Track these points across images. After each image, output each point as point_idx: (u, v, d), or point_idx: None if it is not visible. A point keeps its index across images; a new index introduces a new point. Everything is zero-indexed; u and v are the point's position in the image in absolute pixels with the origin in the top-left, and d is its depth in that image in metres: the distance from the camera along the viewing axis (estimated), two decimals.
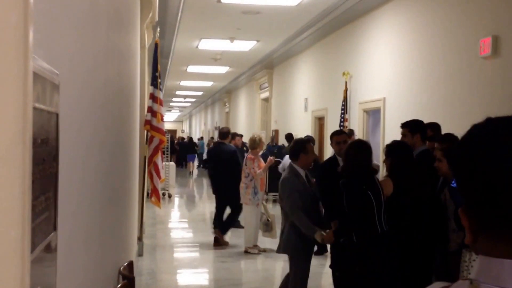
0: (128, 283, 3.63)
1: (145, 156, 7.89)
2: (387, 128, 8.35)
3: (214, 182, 9.14)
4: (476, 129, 0.93)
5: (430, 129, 5.49)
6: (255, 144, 8.15)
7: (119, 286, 3.54)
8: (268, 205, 10.21)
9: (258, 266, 7.68)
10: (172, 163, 18.95)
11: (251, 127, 19.34)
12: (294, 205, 4.73)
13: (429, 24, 7.23)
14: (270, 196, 12.55)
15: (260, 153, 8.59)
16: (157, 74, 7.80)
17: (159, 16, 8.68)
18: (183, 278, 7.22)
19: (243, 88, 21.94)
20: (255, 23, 10.79)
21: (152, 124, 7.48)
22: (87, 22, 2.25)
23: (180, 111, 43.63)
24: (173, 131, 41.29)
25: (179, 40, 12.51)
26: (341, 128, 9.59)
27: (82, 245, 2.19)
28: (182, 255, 8.61)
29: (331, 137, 6.37)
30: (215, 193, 9.08)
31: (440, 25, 6.93)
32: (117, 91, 3.72)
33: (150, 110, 7.55)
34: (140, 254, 7.68)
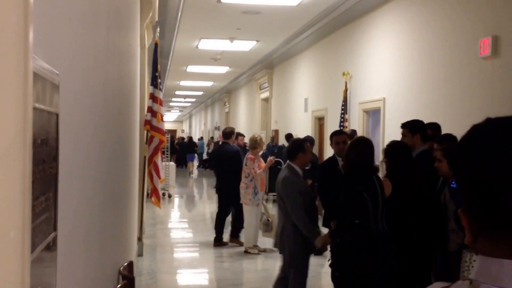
0: (128, 283, 3.63)
1: (145, 156, 7.89)
2: (387, 128, 8.35)
3: (218, 181, 9.17)
4: (476, 129, 0.93)
5: (430, 129, 5.49)
6: (255, 144, 8.15)
7: (119, 286, 3.54)
8: (268, 205, 10.21)
9: (258, 266, 7.68)
10: (172, 163, 18.95)
11: (251, 127, 19.33)
12: (296, 204, 4.73)
13: (429, 24, 7.23)
14: (270, 196, 12.55)
15: (260, 153, 8.59)
16: (157, 74, 7.80)
17: (159, 16, 8.67)
18: (183, 278, 7.23)
19: (243, 88, 21.94)
20: (255, 23, 10.79)
21: (152, 124, 7.49)
22: (87, 22, 2.25)
23: (180, 111, 43.62)
24: (173, 131, 41.28)
25: (179, 40, 12.51)
26: (341, 128, 9.58)
27: (82, 245, 2.19)
28: (182, 255, 8.62)
29: (330, 137, 6.36)
30: (218, 192, 9.11)
31: (440, 25, 6.93)
32: (117, 91, 3.72)
33: (150, 110, 7.55)
34: (140, 254, 7.68)
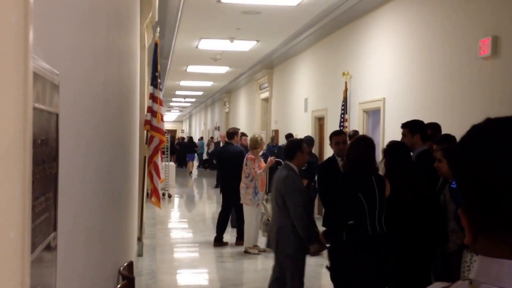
0: (128, 283, 3.63)
1: (145, 156, 7.89)
2: (387, 128, 8.34)
3: (222, 182, 9.19)
4: (475, 129, 0.93)
5: (431, 129, 5.49)
6: (256, 144, 8.14)
7: (119, 286, 3.54)
8: (268, 205, 10.20)
9: (258, 266, 7.68)
10: (172, 163, 18.94)
11: (251, 127, 19.32)
12: (298, 203, 4.74)
13: (429, 24, 7.22)
14: (271, 196, 12.55)
15: (260, 153, 8.59)
16: (157, 74, 7.80)
17: (159, 16, 8.67)
18: (183, 278, 7.22)
19: (243, 88, 21.93)
20: (255, 23, 10.79)
21: (152, 124, 7.49)
22: (87, 22, 2.25)
23: (180, 111, 43.61)
24: (173, 131, 41.27)
25: (179, 40, 12.51)
26: (341, 128, 9.58)
27: (82, 245, 2.19)
28: (182, 255, 8.62)
29: (330, 137, 6.37)
30: (222, 192, 9.13)
31: (439, 25, 6.93)
32: (117, 91, 3.72)
33: (150, 110, 7.55)
34: (140, 254, 7.68)
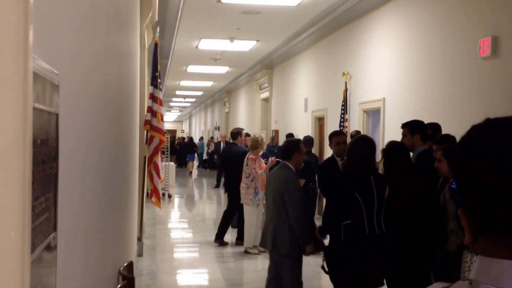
0: (128, 283, 3.63)
1: (145, 156, 7.89)
2: (387, 129, 8.34)
3: (226, 182, 9.19)
4: (475, 130, 0.93)
5: (431, 129, 5.48)
6: (257, 144, 8.12)
7: (119, 286, 3.54)
8: None
9: (258, 266, 7.68)
10: (172, 163, 18.94)
11: (251, 127, 19.32)
12: (298, 204, 4.75)
13: (429, 24, 7.22)
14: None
15: (260, 153, 8.59)
16: (157, 74, 7.80)
17: (159, 16, 8.67)
18: (183, 278, 7.22)
19: (243, 88, 21.93)
20: (255, 23, 10.79)
21: (152, 124, 7.49)
22: (87, 22, 2.25)
23: (180, 111, 43.61)
24: (173, 131, 41.26)
25: (179, 40, 12.51)
26: (341, 128, 9.58)
27: (82, 245, 2.19)
28: (182, 255, 8.62)
29: (330, 137, 6.36)
30: (227, 192, 9.12)
31: (439, 25, 6.93)
32: (117, 91, 3.72)
33: (150, 110, 7.55)
34: (140, 254, 7.68)
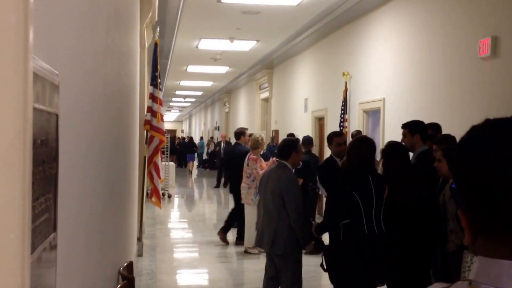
0: (128, 283, 3.63)
1: (145, 156, 7.89)
2: (387, 129, 8.35)
3: (230, 182, 9.19)
4: (474, 130, 0.93)
5: (431, 129, 5.48)
6: (257, 144, 8.11)
7: (118, 286, 3.54)
8: None
9: (258, 266, 7.67)
10: (172, 163, 18.94)
11: (251, 127, 19.31)
12: (299, 204, 4.76)
13: (428, 24, 7.23)
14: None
15: (261, 153, 8.59)
16: (156, 74, 7.80)
17: (158, 16, 8.67)
18: (183, 278, 7.22)
19: (243, 88, 21.93)
20: (255, 23, 10.79)
21: (152, 124, 7.48)
22: (87, 22, 2.25)
23: (180, 111, 43.60)
24: (173, 131, 41.25)
25: (178, 40, 12.51)
26: (340, 128, 9.59)
27: (82, 245, 2.19)
28: (182, 255, 8.61)
29: (330, 138, 6.35)
30: (231, 192, 9.12)
31: (439, 25, 6.93)
32: (117, 91, 3.72)
33: (150, 110, 7.55)
34: (140, 254, 7.68)
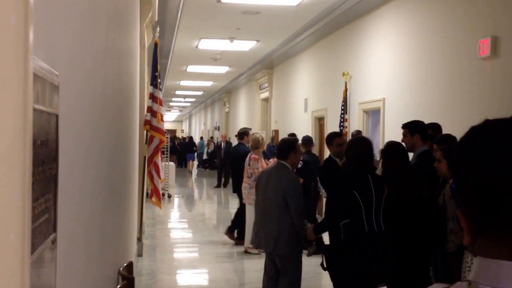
0: (127, 283, 3.63)
1: (144, 156, 7.89)
2: (387, 129, 8.35)
3: (234, 182, 9.20)
4: (474, 131, 0.92)
5: (431, 129, 5.48)
6: (258, 144, 8.10)
7: (118, 286, 3.54)
8: None
9: (258, 266, 7.67)
10: (172, 163, 18.94)
11: (251, 127, 19.30)
12: (301, 205, 4.76)
13: (428, 24, 7.23)
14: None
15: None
16: (156, 74, 7.80)
17: (158, 16, 8.67)
18: (183, 278, 7.22)
19: (243, 88, 21.92)
20: (255, 23, 10.79)
21: (152, 124, 7.48)
22: (86, 22, 2.25)
23: (179, 111, 43.59)
24: (172, 131, 41.23)
25: (178, 40, 12.51)
26: (340, 128, 9.59)
27: (82, 245, 2.19)
28: (182, 255, 8.61)
29: (331, 138, 6.34)
30: (235, 191, 9.12)
31: (439, 25, 6.93)
32: (117, 91, 3.72)
33: (150, 110, 7.55)
34: (140, 254, 7.68)
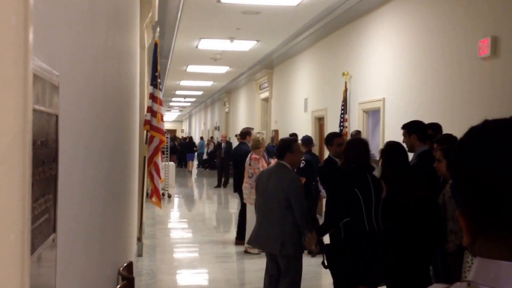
0: (127, 283, 3.63)
1: (144, 156, 7.89)
2: (387, 129, 8.35)
3: (235, 182, 9.20)
4: (473, 131, 0.92)
5: (431, 129, 5.47)
6: (258, 144, 8.10)
7: (118, 286, 3.54)
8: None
9: (258, 266, 7.67)
10: (172, 163, 18.94)
11: (251, 127, 19.32)
12: (303, 205, 4.76)
13: (428, 24, 7.23)
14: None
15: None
16: (156, 74, 7.80)
17: (158, 16, 8.67)
18: (183, 278, 7.22)
19: (243, 88, 21.93)
20: (255, 23, 10.79)
21: (152, 124, 7.48)
22: (86, 22, 2.25)
23: (179, 111, 43.59)
24: (172, 131, 41.23)
25: (178, 40, 12.51)
26: (340, 128, 9.60)
27: (82, 245, 2.19)
28: (182, 255, 8.61)
29: (331, 139, 6.34)
30: (237, 191, 9.11)
31: (439, 25, 6.93)
32: (117, 91, 3.72)
33: (150, 110, 7.55)
34: (140, 254, 7.68)
